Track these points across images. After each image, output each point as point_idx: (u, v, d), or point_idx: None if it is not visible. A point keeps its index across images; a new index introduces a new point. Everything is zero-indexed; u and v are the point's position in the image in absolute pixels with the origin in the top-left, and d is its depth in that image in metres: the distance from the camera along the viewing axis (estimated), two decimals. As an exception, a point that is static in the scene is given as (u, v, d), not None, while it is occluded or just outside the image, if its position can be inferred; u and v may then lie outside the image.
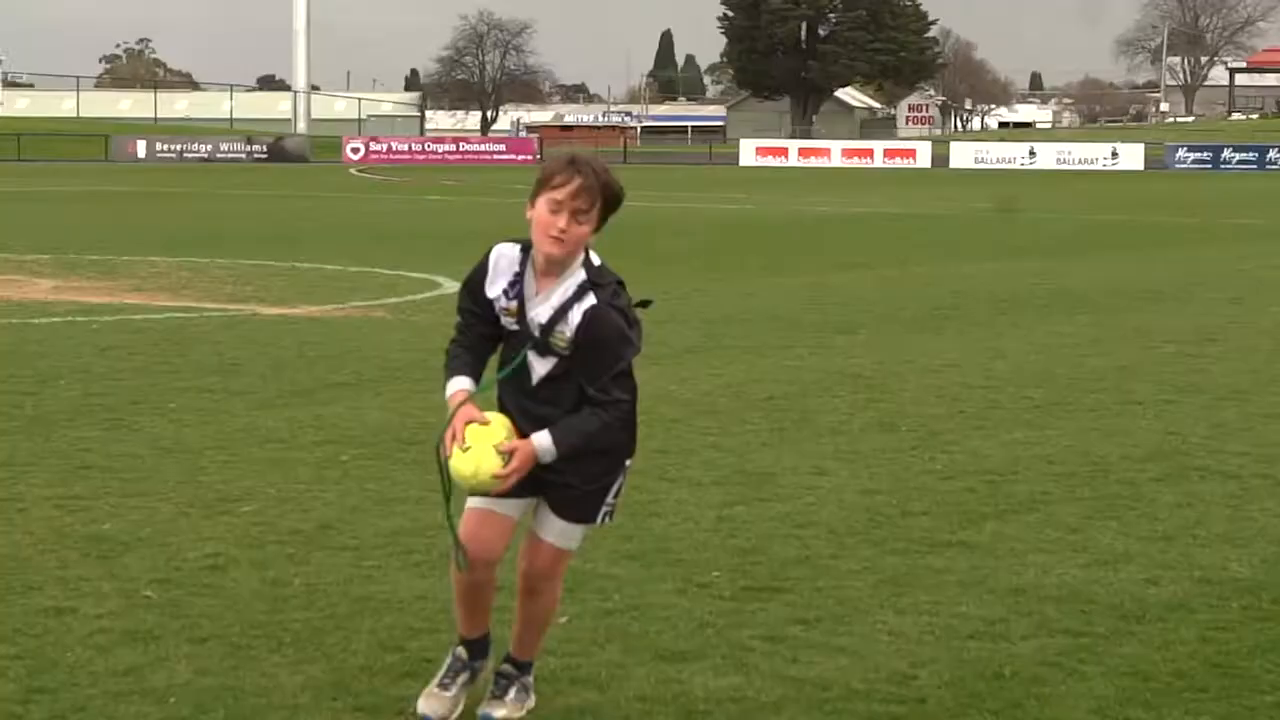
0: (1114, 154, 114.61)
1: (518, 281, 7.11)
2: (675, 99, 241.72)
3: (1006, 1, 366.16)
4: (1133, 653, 8.54)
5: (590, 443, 7.05)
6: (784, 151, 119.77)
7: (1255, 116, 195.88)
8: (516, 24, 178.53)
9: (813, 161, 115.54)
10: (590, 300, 7.01)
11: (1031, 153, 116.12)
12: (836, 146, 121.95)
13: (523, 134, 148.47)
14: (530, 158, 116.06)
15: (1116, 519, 11.51)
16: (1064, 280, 29.95)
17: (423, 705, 7.41)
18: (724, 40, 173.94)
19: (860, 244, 39.84)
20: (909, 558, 10.39)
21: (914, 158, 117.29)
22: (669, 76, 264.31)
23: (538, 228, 7.00)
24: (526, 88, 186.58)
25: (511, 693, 7.50)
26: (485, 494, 7.14)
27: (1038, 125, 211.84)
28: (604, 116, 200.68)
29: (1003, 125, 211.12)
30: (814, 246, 38.63)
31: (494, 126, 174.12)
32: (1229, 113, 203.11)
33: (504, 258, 7.17)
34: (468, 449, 6.99)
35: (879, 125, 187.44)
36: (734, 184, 79.92)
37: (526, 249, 7.12)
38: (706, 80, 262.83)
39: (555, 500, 7.30)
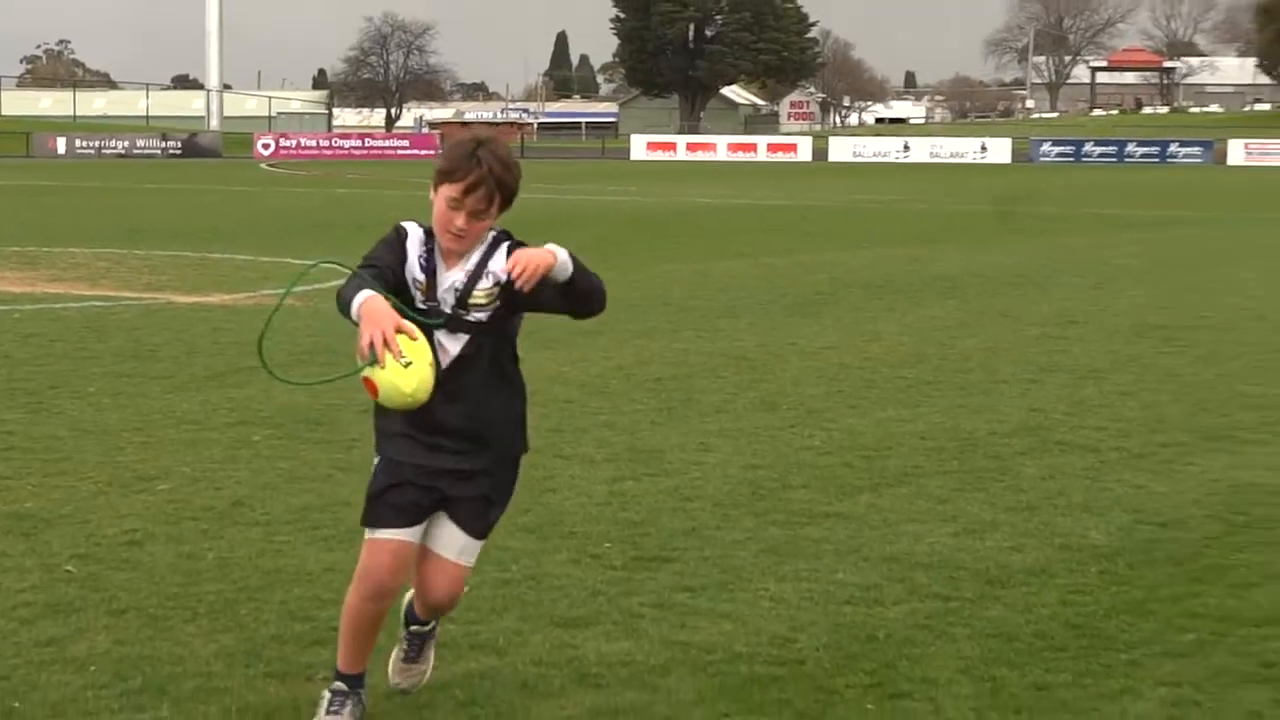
0: (983, 148, 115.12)
1: (429, 256, 6.66)
2: (570, 96, 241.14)
3: (883, 4, 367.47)
4: (998, 615, 8.63)
5: (593, 288, 6.62)
6: (673, 146, 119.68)
7: (1115, 112, 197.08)
8: (419, 25, 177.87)
9: (700, 155, 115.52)
10: (508, 243, 6.71)
11: (906, 147, 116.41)
12: (722, 141, 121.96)
13: (425, 130, 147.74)
14: (432, 153, 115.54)
15: (983, 490, 11.61)
16: (935, 267, 30.10)
17: None
18: (616, 41, 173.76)
19: (744, 233, 39.89)
20: (789, 528, 10.45)
21: (795, 152, 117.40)
22: (564, 75, 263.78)
23: (438, 221, 6.64)
24: (428, 86, 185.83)
25: (426, 652, 7.29)
26: (409, 409, 6.48)
27: (912, 121, 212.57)
28: (502, 113, 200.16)
29: (879, 121, 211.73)
30: (700, 236, 38.68)
31: (398, 123, 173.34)
32: (1090, 109, 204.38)
33: (413, 234, 6.72)
34: (409, 364, 6.26)
35: (762, 121, 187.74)
36: (626, 177, 79.89)
37: (427, 230, 6.73)
38: (600, 79, 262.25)
39: (466, 514, 6.86)
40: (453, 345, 6.64)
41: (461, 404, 6.63)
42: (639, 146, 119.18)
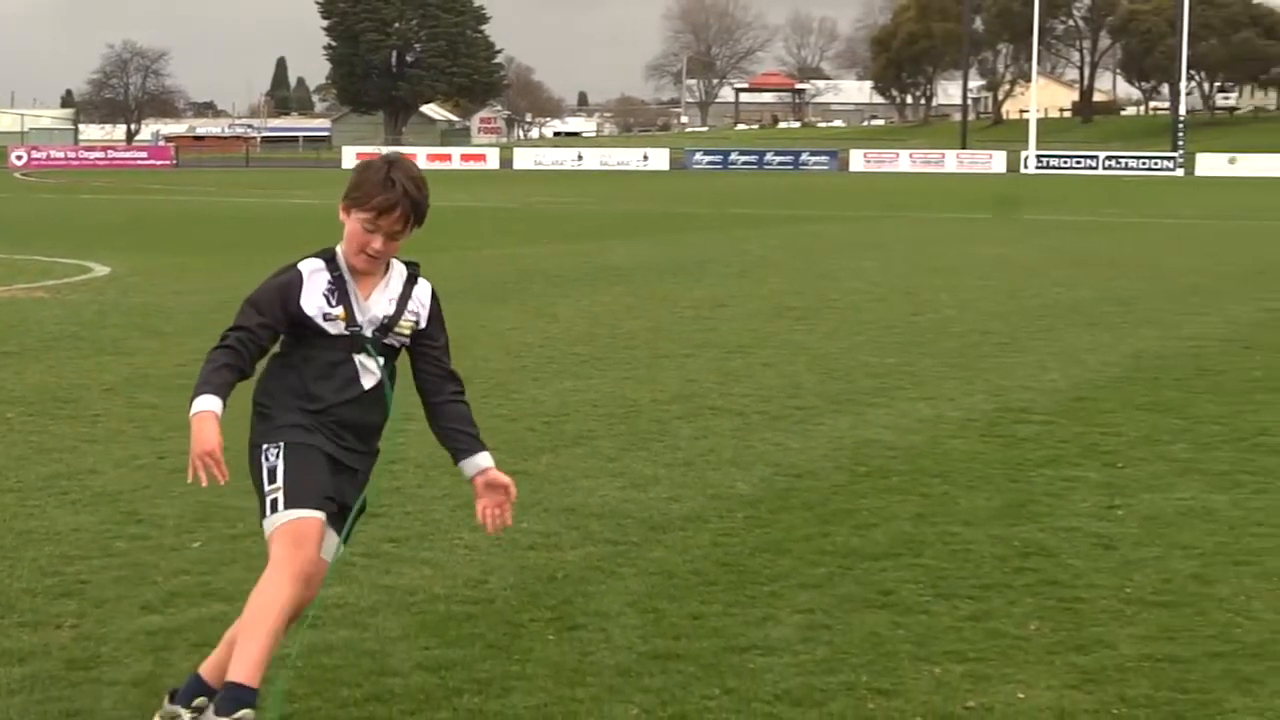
0: (645, 157, 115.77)
1: (337, 287, 5.85)
2: (289, 113, 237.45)
3: (559, 34, 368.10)
4: (660, 556, 8.67)
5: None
6: (379, 156, 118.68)
7: (756, 126, 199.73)
8: (155, 51, 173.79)
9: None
10: (425, 283, 6.11)
11: (580, 157, 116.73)
12: (423, 152, 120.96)
13: (161, 143, 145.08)
14: (168, 163, 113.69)
15: (647, 449, 11.66)
16: (606, 259, 30.22)
17: None
18: (329, 65, 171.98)
19: (442, 231, 39.69)
20: (481, 485, 10.40)
21: (485, 161, 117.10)
22: (284, 95, 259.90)
23: (351, 241, 5.86)
24: (164, 104, 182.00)
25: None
26: None
27: (584, 134, 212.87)
28: (230, 128, 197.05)
29: (556, 134, 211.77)
30: (404, 234, 38.37)
31: (137, 137, 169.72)
32: (735, 124, 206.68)
33: (315, 271, 5.86)
34: None
35: (456, 134, 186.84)
36: (339, 184, 78.72)
37: (328, 259, 5.92)
38: (315, 98, 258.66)
39: (336, 518, 6.05)
40: (374, 367, 5.94)
41: (374, 418, 6.01)
42: (349, 157, 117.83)
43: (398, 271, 6.02)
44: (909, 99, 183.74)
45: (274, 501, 5.80)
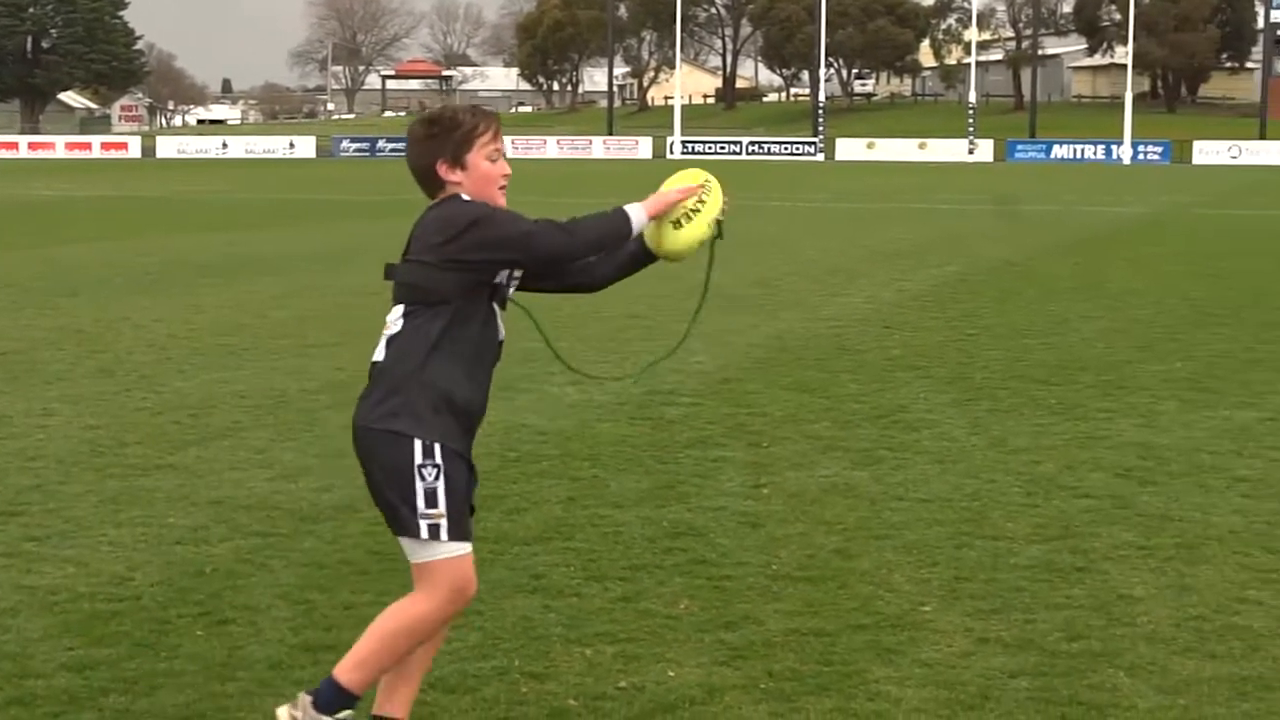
0: (291, 145, 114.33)
1: None
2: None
3: (201, 20, 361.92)
4: (311, 547, 8.61)
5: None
6: (15, 145, 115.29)
7: (404, 114, 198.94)
8: None
9: (40, 154, 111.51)
10: None
11: (224, 145, 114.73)
12: (61, 140, 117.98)
13: None
14: None
15: (295, 440, 11.55)
16: (253, 248, 29.80)
17: None
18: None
19: (83, 222, 38.74)
20: (126, 480, 10.21)
21: (127, 149, 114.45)
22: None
23: (485, 182, 5.69)
24: None
25: None
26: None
27: (229, 122, 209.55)
28: None
29: (200, 122, 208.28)
30: (42, 225, 37.38)
31: None
32: (383, 111, 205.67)
33: None
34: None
35: (97, 123, 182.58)
36: (-28, 173, 76.68)
37: None
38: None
39: None
40: (501, 316, 5.85)
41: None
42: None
43: None
44: (556, 86, 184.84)
45: (434, 528, 5.54)
